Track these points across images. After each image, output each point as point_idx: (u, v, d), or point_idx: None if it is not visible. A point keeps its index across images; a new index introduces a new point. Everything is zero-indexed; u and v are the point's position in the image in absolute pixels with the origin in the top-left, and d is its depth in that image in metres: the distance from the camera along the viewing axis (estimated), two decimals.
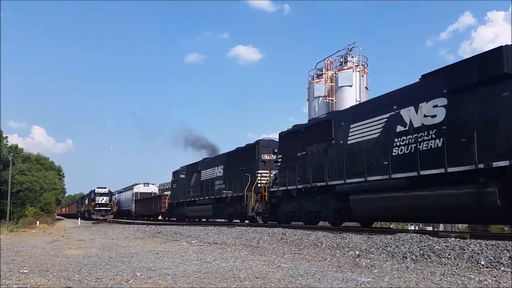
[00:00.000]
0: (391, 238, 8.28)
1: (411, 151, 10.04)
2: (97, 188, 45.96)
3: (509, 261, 5.80)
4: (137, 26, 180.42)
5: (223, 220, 21.72)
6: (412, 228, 21.80)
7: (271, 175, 17.09)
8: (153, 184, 45.38)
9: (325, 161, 12.99)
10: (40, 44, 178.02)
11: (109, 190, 47.27)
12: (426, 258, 6.61)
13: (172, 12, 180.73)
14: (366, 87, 29.88)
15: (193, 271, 6.20)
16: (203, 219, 25.40)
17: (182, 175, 27.54)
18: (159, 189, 44.39)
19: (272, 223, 15.86)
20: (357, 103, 12.96)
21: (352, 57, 30.19)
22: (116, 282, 5.41)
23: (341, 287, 4.90)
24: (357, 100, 26.31)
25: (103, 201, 45.01)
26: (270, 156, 18.04)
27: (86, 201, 50.63)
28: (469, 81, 8.95)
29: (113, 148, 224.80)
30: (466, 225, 21.77)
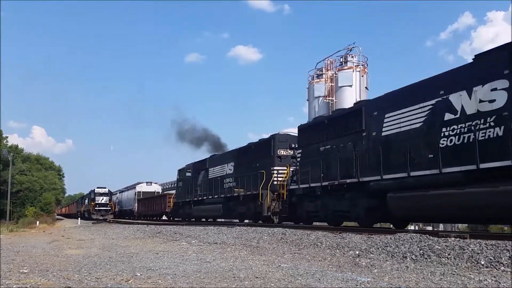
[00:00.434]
0: (391, 238, 8.28)
1: (464, 142, 8.88)
2: (97, 188, 46.00)
3: (509, 261, 5.80)
4: (137, 26, 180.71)
5: (236, 220, 20.45)
6: (412, 228, 21.81)
7: (289, 172, 16.03)
8: (156, 183, 44.61)
9: (354, 156, 11.88)
10: (40, 44, 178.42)
11: (109, 190, 47.32)
12: (426, 258, 6.61)
13: (172, 12, 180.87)
14: (366, 87, 29.89)
15: (193, 271, 6.20)
16: (210, 219, 24.50)
17: (188, 173, 26.51)
18: (162, 188, 44.18)
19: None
20: (392, 90, 11.41)
21: (352, 57, 30.19)
22: (116, 282, 5.41)
23: (341, 287, 4.90)
24: (357, 100, 26.20)
25: (103, 201, 45.04)
26: (287, 152, 17.05)
27: (86, 201, 50.69)
28: None
29: (113, 148, 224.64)
30: (466, 225, 21.77)
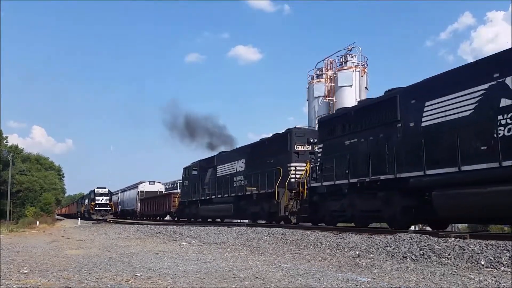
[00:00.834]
0: (391, 238, 8.28)
1: None
2: (97, 188, 45.97)
3: (509, 261, 5.80)
4: (137, 26, 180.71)
5: (247, 221, 19.57)
6: (412, 228, 21.77)
7: (309, 168, 14.94)
8: (159, 182, 43.77)
9: (387, 149, 10.80)
10: (40, 44, 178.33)
11: (109, 190, 47.29)
12: (426, 258, 6.60)
13: (172, 12, 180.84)
14: (366, 87, 29.94)
15: (193, 271, 6.20)
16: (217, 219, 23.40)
17: (195, 171, 25.42)
18: (166, 188, 43.73)
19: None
20: (433, 76, 10.31)
21: (352, 57, 30.25)
22: (116, 282, 5.41)
23: (341, 287, 4.90)
24: (357, 100, 26.17)
25: (103, 201, 44.99)
26: (305, 147, 16.02)
27: (86, 201, 50.68)
28: None
29: (113, 148, 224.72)
30: (466, 225, 21.75)
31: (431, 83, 10.28)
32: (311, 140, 15.63)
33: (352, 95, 28.37)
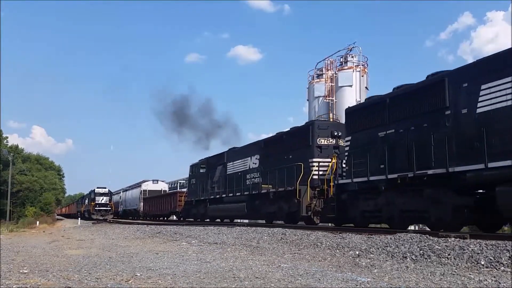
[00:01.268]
0: (391, 238, 8.29)
1: None
2: (97, 188, 45.90)
3: (509, 261, 5.80)
4: (137, 26, 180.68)
5: (263, 221, 18.00)
6: (412, 228, 21.78)
7: (335, 164, 13.77)
8: (163, 181, 43.17)
9: (433, 140, 9.58)
10: (40, 44, 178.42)
11: (109, 190, 47.24)
12: (426, 258, 6.61)
13: (172, 12, 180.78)
14: (366, 87, 29.89)
15: (193, 271, 6.20)
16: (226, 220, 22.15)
17: (203, 169, 24.16)
18: (169, 187, 43.32)
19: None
20: (488, 55, 9.04)
21: (352, 57, 30.18)
22: (116, 282, 5.41)
23: (341, 287, 4.90)
24: (357, 101, 26.07)
25: (103, 201, 44.91)
26: (328, 141, 14.75)
27: (86, 201, 50.64)
28: None
29: (113, 148, 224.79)
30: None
31: (488, 63, 8.98)
32: (335, 134, 14.55)
33: (353, 95, 28.32)
